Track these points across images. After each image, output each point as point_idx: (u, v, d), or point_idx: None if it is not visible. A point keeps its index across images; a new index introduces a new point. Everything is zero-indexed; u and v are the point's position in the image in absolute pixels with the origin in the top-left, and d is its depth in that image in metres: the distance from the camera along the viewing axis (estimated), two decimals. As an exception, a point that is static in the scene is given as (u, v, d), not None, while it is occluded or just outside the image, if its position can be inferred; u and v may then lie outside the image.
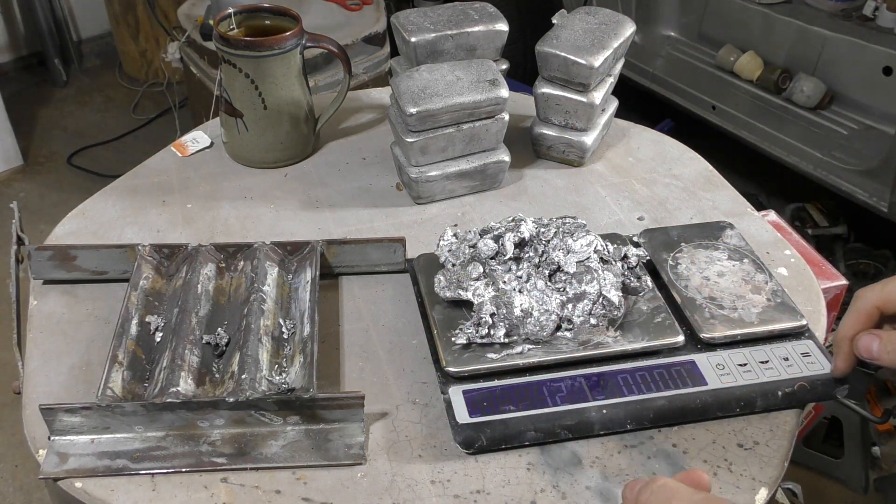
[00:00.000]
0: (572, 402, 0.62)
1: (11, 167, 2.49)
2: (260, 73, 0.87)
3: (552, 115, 0.91)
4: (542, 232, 0.69)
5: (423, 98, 0.80)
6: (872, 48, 1.83)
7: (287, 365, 0.66)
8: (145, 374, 0.66)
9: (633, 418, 0.62)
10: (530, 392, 0.63)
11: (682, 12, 2.32)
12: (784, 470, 0.61)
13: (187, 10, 1.94)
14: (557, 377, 0.64)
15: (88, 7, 3.00)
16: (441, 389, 0.64)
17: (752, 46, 2.10)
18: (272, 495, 0.58)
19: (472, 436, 0.60)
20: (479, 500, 0.58)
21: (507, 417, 0.61)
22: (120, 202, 0.87)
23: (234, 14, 0.92)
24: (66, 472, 0.58)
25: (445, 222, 0.86)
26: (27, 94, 2.84)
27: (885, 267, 1.93)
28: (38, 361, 0.68)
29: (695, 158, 0.97)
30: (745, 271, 0.73)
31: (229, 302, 0.72)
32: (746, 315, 0.68)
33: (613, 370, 0.65)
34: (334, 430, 0.62)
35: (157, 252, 0.75)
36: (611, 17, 0.92)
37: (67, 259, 0.74)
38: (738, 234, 0.78)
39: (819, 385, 0.65)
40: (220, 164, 0.94)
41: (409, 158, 0.85)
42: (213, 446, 0.61)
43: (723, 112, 2.14)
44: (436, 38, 0.89)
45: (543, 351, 0.65)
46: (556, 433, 0.61)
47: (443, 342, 0.66)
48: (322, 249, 0.75)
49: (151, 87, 2.86)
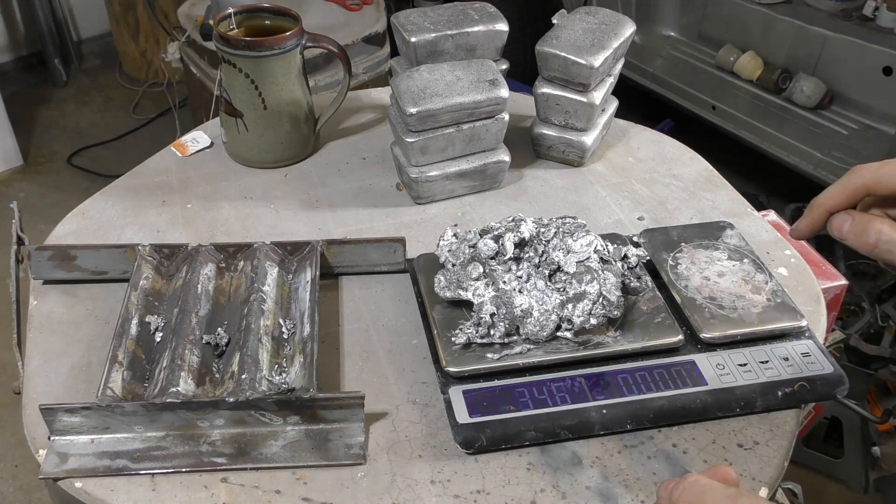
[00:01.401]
0: (572, 402, 0.62)
1: (11, 167, 2.49)
2: (260, 73, 0.87)
3: (552, 115, 0.91)
4: (542, 232, 0.69)
5: (423, 98, 0.80)
6: (872, 48, 1.83)
7: (287, 365, 0.66)
8: (145, 374, 0.66)
9: (633, 418, 0.62)
10: (530, 392, 0.63)
11: (682, 12, 2.32)
12: (784, 470, 0.61)
13: (187, 10, 1.94)
14: (557, 377, 0.64)
15: (88, 7, 3.00)
16: (441, 389, 0.64)
17: (752, 46, 2.10)
18: (272, 495, 0.58)
19: (473, 436, 0.60)
20: (479, 500, 0.58)
21: (508, 417, 0.61)
22: (120, 202, 0.87)
23: (234, 14, 0.92)
24: (66, 472, 0.59)
25: (445, 222, 0.86)
26: (27, 94, 2.84)
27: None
28: (38, 361, 0.68)
29: (695, 158, 0.97)
30: (745, 271, 0.73)
31: (229, 302, 0.72)
32: (746, 315, 0.68)
33: (613, 370, 0.65)
34: (334, 430, 0.62)
35: (157, 252, 0.75)
36: (611, 17, 0.92)
37: (67, 259, 0.74)
38: (738, 234, 0.78)
39: (819, 385, 0.65)
40: (220, 164, 0.94)
41: (409, 158, 0.85)
42: (213, 446, 0.61)
43: (723, 112, 2.14)
44: (436, 38, 0.89)
45: (543, 351, 0.65)
46: (556, 433, 0.61)
47: (443, 342, 0.66)
48: (322, 249, 0.75)
49: (151, 87, 2.86)
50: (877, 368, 1.58)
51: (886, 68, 1.81)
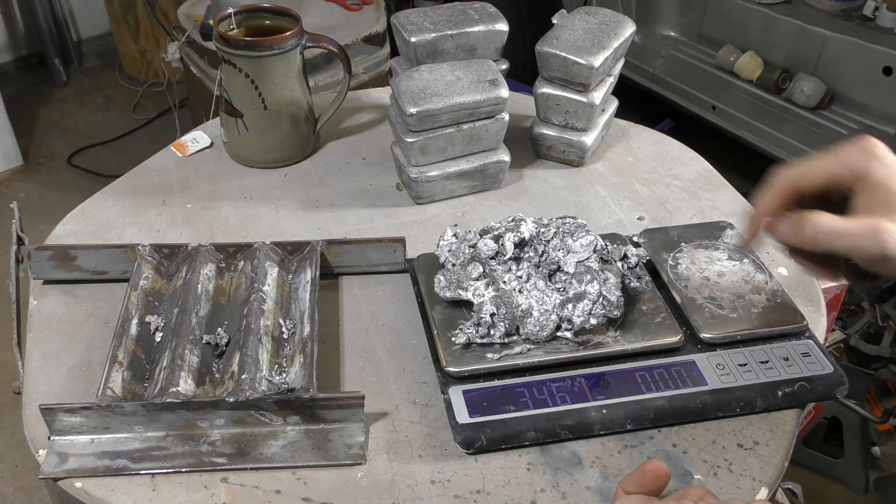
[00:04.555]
0: (572, 402, 0.62)
1: (11, 167, 2.49)
2: (260, 73, 0.87)
3: (552, 115, 0.91)
4: (542, 232, 0.69)
5: (423, 98, 0.80)
6: (872, 48, 1.83)
7: (287, 365, 0.66)
8: (145, 374, 0.66)
9: (633, 418, 0.62)
10: (530, 392, 0.63)
11: (682, 12, 2.32)
12: (784, 470, 0.61)
13: (187, 10, 1.94)
14: (557, 377, 0.64)
15: (88, 7, 3.00)
16: (441, 389, 0.64)
17: (752, 46, 2.10)
18: (272, 495, 0.58)
19: (472, 436, 0.60)
20: (479, 500, 0.58)
21: (508, 417, 0.61)
22: (120, 202, 0.87)
23: (234, 14, 0.92)
24: (66, 472, 0.58)
25: (445, 222, 0.86)
26: (27, 94, 2.84)
27: (885, 267, 1.93)
28: (38, 361, 0.68)
29: (695, 158, 0.97)
30: (746, 271, 0.73)
31: (229, 302, 0.72)
32: (746, 315, 0.68)
33: (613, 370, 0.65)
34: (334, 430, 0.62)
35: (157, 252, 0.75)
36: (611, 17, 0.92)
37: (67, 259, 0.74)
38: (738, 234, 0.78)
39: (819, 385, 0.65)
40: (220, 164, 0.94)
41: (409, 158, 0.85)
42: (213, 446, 0.61)
43: (723, 112, 2.14)
44: (436, 38, 0.89)
45: (543, 351, 0.65)
46: (556, 433, 0.61)
47: (443, 342, 0.66)
48: (322, 249, 0.75)
49: (151, 87, 2.86)
50: (877, 368, 1.58)
51: (886, 68, 1.81)
